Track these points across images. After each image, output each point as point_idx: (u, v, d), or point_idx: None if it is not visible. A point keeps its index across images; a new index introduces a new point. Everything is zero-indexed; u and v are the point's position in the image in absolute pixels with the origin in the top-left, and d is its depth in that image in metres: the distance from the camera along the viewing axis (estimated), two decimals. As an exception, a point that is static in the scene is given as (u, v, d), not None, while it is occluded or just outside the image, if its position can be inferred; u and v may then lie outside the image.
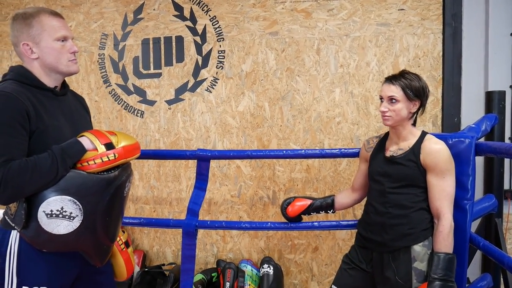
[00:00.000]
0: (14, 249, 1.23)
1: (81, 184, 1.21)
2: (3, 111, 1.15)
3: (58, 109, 1.30)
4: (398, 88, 1.50)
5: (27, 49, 1.26)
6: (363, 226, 1.61)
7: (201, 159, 1.82)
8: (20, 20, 1.27)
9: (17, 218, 1.19)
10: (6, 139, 1.14)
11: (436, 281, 1.35)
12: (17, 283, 1.23)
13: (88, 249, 1.29)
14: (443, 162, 1.45)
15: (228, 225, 1.87)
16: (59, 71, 1.30)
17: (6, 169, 1.11)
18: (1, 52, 3.01)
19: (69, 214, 1.19)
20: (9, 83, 1.23)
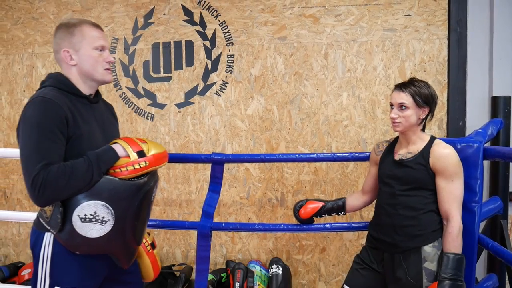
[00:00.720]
0: (48, 250, 1.28)
1: (113, 190, 1.25)
2: (44, 117, 1.20)
3: (92, 116, 1.36)
4: (408, 95, 1.55)
5: (67, 56, 1.33)
6: (374, 227, 1.66)
7: (216, 162, 1.87)
8: (63, 29, 1.35)
9: (53, 221, 1.24)
10: (46, 143, 1.19)
11: (446, 281, 1.40)
12: (50, 284, 1.28)
13: (117, 251, 1.34)
14: (452, 166, 1.50)
15: (242, 227, 1.92)
16: (94, 79, 1.37)
17: (46, 172, 1.17)
18: (12, 56, 3.06)
19: (101, 218, 1.24)
20: (49, 89, 1.28)
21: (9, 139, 3.08)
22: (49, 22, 3.00)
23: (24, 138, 1.22)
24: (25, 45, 3.04)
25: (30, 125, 1.21)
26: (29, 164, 1.18)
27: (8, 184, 3.08)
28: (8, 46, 3.06)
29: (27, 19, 3.03)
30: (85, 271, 1.31)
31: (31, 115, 1.21)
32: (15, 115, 3.06)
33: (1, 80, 3.08)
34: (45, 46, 3.00)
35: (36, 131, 1.19)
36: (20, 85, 3.05)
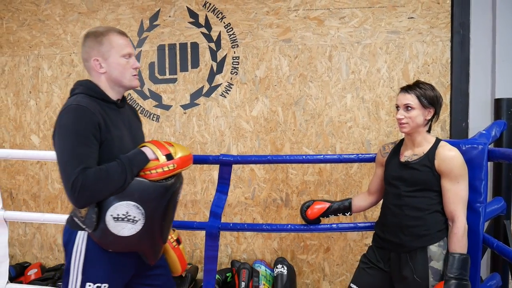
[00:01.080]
0: (81, 248, 1.34)
1: (144, 191, 1.32)
2: (79, 124, 1.27)
3: (120, 120, 1.42)
4: (413, 96, 1.58)
5: (96, 64, 1.38)
6: (380, 227, 1.69)
7: (224, 164, 1.90)
8: (91, 38, 1.39)
9: (88, 221, 1.30)
10: (83, 149, 1.26)
11: (452, 280, 1.43)
12: (82, 280, 1.34)
13: (145, 249, 1.40)
14: (457, 168, 1.53)
15: (249, 227, 1.95)
16: (122, 85, 1.42)
17: (84, 176, 1.23)
18: (18, 58, 3.08)
19: (133, 218, 1.31)
20: (81, 96, 1.34)
21: (15, 140, 3.11)
22: (55, 24, 3.02)
23: (61, 144, 1.28)
24: (31, 46, 3.06)
25: (66, 132, 1.27)
26: (68, 169, 1.24)
27: (14, 184, 3.11)
28: (14, 47, 3.08)
29: (33, 21, 3.05)
30: (115, 267, 1.37)
31: (66, 122, 1.28)
32: (20, 116, 3.09)
33: (7, 82, 3.10)
34: (51, 47, 3.03)
35: (72, 138, 1.26)
36: (26, 86, 3.08)
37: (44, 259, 3.11)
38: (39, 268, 2.97)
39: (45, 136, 3.06)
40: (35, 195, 3.09)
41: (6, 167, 3.13)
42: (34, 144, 3.07)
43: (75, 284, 1.34)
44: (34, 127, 3.07)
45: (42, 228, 3.10)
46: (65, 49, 3.01)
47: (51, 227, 3.09)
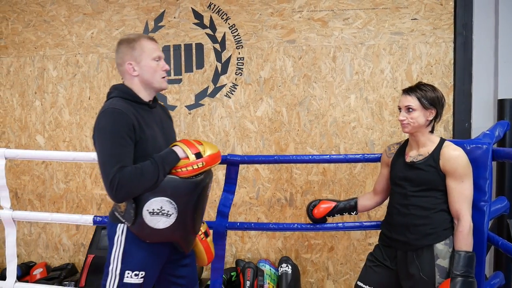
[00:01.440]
0: (121, 240, 1.46)
1: (176, 187, 1.43)
2: (116, 125, 1.38)
3: (153, 120, 1.52)
4: (414, 98, 1.60)
5: (130, 68, 1.49)
6: (386, 226, 1.71)
7: (231, 163, 1.92)
8: (125, 44, 1.50)
9: (127, 215, 1.43)
10: (119, 149, 1.37)
11: (458, 277, 1.46)
12: (121, 268, 1.45)
13: (179, 239, 1.52)
14: (462, 167, 1.55)
15: (256, 226, 1.97)
16: (153, 87, 1.52)
17: (121, 174, 1.34)
18: (23, 58, 3.10)
19: (167, 212, 1.42)
20: (117, 100, 1.45)
21: (20, 140, 3.12)
22: (60, 25, 3.04)
23: (100, 145, 1.40)
24: (36, 47, 3.08)
25: (104, 133, 1.39)
26: (106, 168, 1.36)
27: (20, 184, 3.12)
28: (19, 48, 3.10)
29: (38, 22, 3.07)
30: (150, 256, 1.49)
31: (104, 125, 1.39)
32: (26, 116, 3.11)
33: (13, 82, 3.12)
34: (56, 48, 3.05)
35: (109, 139, 1.37)
36: (32, 87, 3.09)
37: (49, 258, 3.13)
38: (44, 267, 2.99)
39: (50, 136, 3.08)
40: (40, 195, 3.11)
41: (11, 167, 3.14)
42: (39, 145, 3.09)
43: (115, 272, 1.45)
44: (39, 127, 3.09)
45: (47, 228, 3.12)
46: (70, 49, 3.03)
47: (56, 227, 3.11)
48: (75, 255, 3.10)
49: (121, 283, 1.45)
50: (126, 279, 1.45)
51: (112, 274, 1.46)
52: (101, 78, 3.00)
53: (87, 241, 3.06)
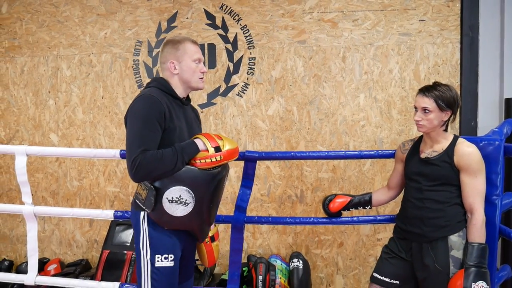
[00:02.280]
0: (145, 226, 1.55)
1: (194, 178, 1.51)
2: (148, 110, 1.47)
3: (183, 115, 1.63)
4: (431, 99, 1.65)
5: (171, 66, 1.61)
6: (402, 220, 1.78)
7: (249, 159, 1.98)
8: (170, 45, 1.64)
9: (147, 202, 1.51)
10: (147, 132, 1.46)
11: (472, 268, 1.53)
12: (151, 253, 1.53)
13: (196, 228, 1.60)
14: (475, 163, 1.62)
15: (274, 220, 2.03)
16: (190, 86, 1.65)
17: (143, 156, 1.43)
18: (37, 58, 3.16)
19: (185, 201, 1.49)
20: (154, 89, 1.57)
21: (34, 138, 3.17)
22: (74, 25, 3.10)
23: (130, 126, 1.50)
24: (50, 47, 3.14)
25: (135, 116, 1.49)
26: (132, 148, 1.46)
27: (33, 182, 3.17)
28: (33, 48, 3.16)
29: (52, 22, 3.12)
30: (174, 241, 1.57)
31: (138, 108, 1.50)
32: (39, 115, 3.16)
33: (27, 82, 3.17)
34: (70, 48, 3.10)
35: (140, 121, 1.47)
36: (45, 86, 3.15)
37: (63, 255, 3.18)
38: (58, 263, 3.04)
39: (64, 134, 3.13)
40: (53, 192, 3.16)
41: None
42: (53, 143, 3.14)
43: (145, 257, 1.54)
44: (53, 126, 3.15)
45: (60, 224, 3.18)
46: (84, 49, 3.09)
47: (70, 224, 3.16)
48: (88, 251, 3.16)
49: (153, 268, 1.53)
50: (158, 263, 1.53)
51: (143, 260, 1.54)
52: (114, 78, 3.05)
53: (100, 237, 3.12)
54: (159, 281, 1.53)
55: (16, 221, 3.25)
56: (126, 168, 3.00)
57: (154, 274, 1.53)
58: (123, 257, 2.71)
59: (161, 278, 1.54)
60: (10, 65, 3.19)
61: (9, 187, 3.24)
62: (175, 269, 1.57)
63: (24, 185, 2.16)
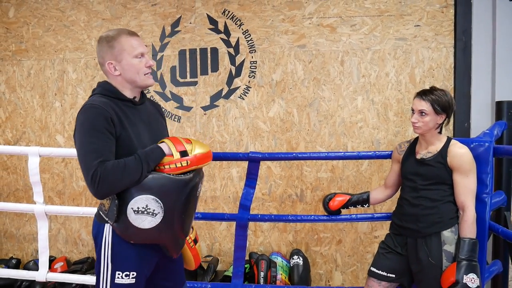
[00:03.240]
0: (108, 240, 1.43)
1: (162, 185, 1.39)
2: (94, 120, 1.35)
3: (138, 117, 1.49)
4: (427, 103, 1.76)
5: (111, 67, 1.46)
6: (398, 216, 1.88)
7: (252, 160, 2.08)
8: (104, 43, 1.47)
9: (110, 213, 1.39)
10: (99, 143, 1.33)
11: (463, 261, 1.63)
12: (112, 269, 1.43)
13: (167, 242, 1.48)
14: (467, 163, 1.72)
15: (276, 218, 2.13)
16: (137, 85, 1.50)
17: (102, 168, 1.30)
18: (44, 61, 3.24)
19: (152, 211, 1.37)
20: (97, 96, 1.44)
21: (40, 140, 3.26)
22: (79, 30, 3.18)
23: (79, 140, 1.37)
24: (56, 51, 3.22)
25: (83, 129, 1.36)
26: (87, 162, 1.33)
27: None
28: (40, 52, 3.24)
29: (58, 26, 3.21)
30: (140, 258, 1.46)
31: (83, 120, 1.37)
32: (46, 117, 3.24)
33: (33, 84, 3.25)
34: (76, 52, 3.19)
35: (88, 134, 1.34)
36: (52, 88, 3.23)
37: (69, 253, 3.26)
38: (65, 261, 3.13)
39: (70, 136, 3.21)
40: (60, 192, 3.24)
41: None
42: (59, 144, 3.22)
43: (105, 273, 1.43)
44: (59, 127, 3.23)
45: (66, 223, 3.26)
46: (90, 53, 3.17)
47: (76, 223, 3.25)
48: (93, 250, 3.22)
49: (113, 284, 1.43)
50: (118, 279, 1.42)
51: (103, 275, 1.43)
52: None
53: (105, 236, 3.20)
54: None
55: (23, 221, 3.33)
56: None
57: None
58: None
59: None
60: (17, 68, 3.27)
61: (16, 187, 3.32)
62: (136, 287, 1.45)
63: (36, 185, 2.25)
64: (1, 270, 2.51)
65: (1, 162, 3.32)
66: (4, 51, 3.29)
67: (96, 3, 3.15)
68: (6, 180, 3.32)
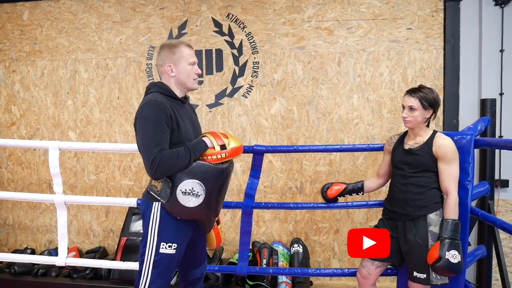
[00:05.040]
0: (156, 215, 1.70)
1: (205, 172, 1.68)
2: (157, 115, 1.62)
3: (184, 113, 1.78)
4: (416, 99, 1.95)
5: (169, 69, 1.75)
6: (389, 202, 2.07)
7: (257, 153, 2.27)
8: (166, 49, 1.76)
9: (163, 193, 1.67)
10: (159, 135, 1.61)
11: (446, 240, 1.82)
12: (157, 240, 1.70)
13: (205, 219, 1.77)
14: (450, 152, 1.92)
15: (279, 206, 2.31)
16: (186, 87, 1.79)
17: (161, 155, 1.59)
18: (57, 62, 3.42)
19: (196, 193, 1.66)
20: (156, 94, 1.70)
21: (53, 136, 3.43)
22: (91, 32, 3.36)
23: (142, 131, 1.63)
24: (68, 52, 3.40)
25: (146, 121, 1.63)
26: (148, 150, 1.60)
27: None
28: (53, 52, 3.42)
29: (70, 29, 3.39)
30: (180, 231, 1.74)
31: (146, 114, 1.63)
32: (59, 114, 3.42)
33: (47, 83, 3.43)
34: (87, 53, 3.37)
35: (151, 126, 1.61)
36: (64, 87, 3.41)
37: (81, 243, 3.44)
38: (77, 251, 3.31)
39: (82, 132, 3.39)
40: (72, 186, 3.42)
41: (45, 160, 3.45)
42: (71, 140, 3.40)
43: (152, 244, 1.70)
44: (72, 124, 3.41)
45: (78, 215, 3.44)
46: (101, 54, 3.35)
47: (87, 215, 3.43)
48: (104, 240, 3.42)
49: (157, 253, 1.68)
50: (162, 249, 1.68)
51: (149, 245, 1.69)
52: (129, 80, 3.33)
53: (115, 227, 3.38)
54: (159, 263, 1.69)
55: (37, 213, 3.51)
56: (140, 162, 3.29)
57: (156, 257, 1.68)
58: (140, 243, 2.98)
59: (161, 262, 1.69)
60: (31, 68, 3.45)
61: (30, 181, 3.50)
62: (175, 257, 1.71)
63: (56, 177, 2.43)
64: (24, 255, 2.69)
65: (16, 157, 3.50)
66: (18, 52, 3.47)
67: (107, 7, 3.34)
68: (20, 175, 3.50)
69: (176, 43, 1.77)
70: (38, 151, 3.47)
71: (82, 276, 2.91)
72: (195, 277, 1.95)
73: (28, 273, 2.98)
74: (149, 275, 1.70)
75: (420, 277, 1.89)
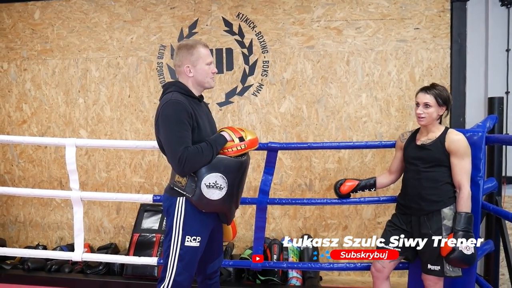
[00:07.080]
0: (181, 210, 1.76)
1: (227, 165, 1.75)
2: (179, 114, 1.69)
3: (201, 111, 1.84)
4: (431, 96, 2.00)
5: (187, 70, 1.80)
6: (402, 197, 2.13)
7: (271, 150, 2.32)
8: (184, 50, 1.81)
9: (188, 188, 1.73)
10: (183, 132, 1.68)
11: (460, 232, 1.87)
12: (182, 234, 1.76)
13: (227, 210, 1.83)
14: (463, 147, 1.97)
15: (293, 201, 2.37)
16: (203, 86, 1.86)
17: (187, 152, 1.66)
18: (68, 61, 3.46)
19: (220, 186, 1.72)
20: (176, 94, 1.76)
21: (64, 134, 3.47)
22: (102, 31, 3.40)
23: (166, 130, 1.69)
24: (80, 51, 3.44)
25: (169, 120, 1.69)
26: (174, 148, 1.67)
27: (64, 174, 3.47)
28: (64, 51, 3.46)
29: (82, 28, 3.43)
30: (204, 224, 1.80)
31: (168, 113, 1.70)
32: (70, 113, 3.46)
33: (58, 82, 3.47)
34: (98, 52, 3.41)
35: (174, 124, 1.68)
36: (75, 86, 3.45)
37: (91, 240, 3.48)
38: (88, 247, 3.34)
39: (93, 130, 3.43)
40: (83, 183, 3.46)
41: (56, 158, 3.49)
42: (82, 138, 3.44)
43: (177, 237, 1.76)
44: (83, 122, 3.45)
45: (89, 212, 3.47)
46: (112, 53, 3.39)
47: (98, 212, 3.46)
48: (115, 237, 3.46)
49: (182, 246, 1.75)
50: (187, 242, 1.75)
51: (175, 239, 1.75)
52: (140, 78, 3.37)
53: (126, 224, 3.42)
54: (184, 256, 1.75)
55: (48, 210, 3.54)
56: (151, 160, 3.33)
57: (181, 250, 1.74)
58: (152, 239, 3.02)
59: (186, 255, 1.75)
60: (42, 67, 3.49)
61: (41, 179, 3.53)
62: (199, 249, 1.78)
63: (72, 173, 2.47)
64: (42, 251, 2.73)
65: (27, 155, 3.53)
66: (30, 50, 3.50)
67: (118, 6, 3.38)
68: (31, 172, 3.54)
69: (193, 44, 1.81)
70: (49, 149, 3.50)
71: (95, 272, 2.96)
72: (213, 270, 2.00)
73: (41, 269, 3.02)
74: (174, 268, 1.75)
75: (435, 269, 1.95)
